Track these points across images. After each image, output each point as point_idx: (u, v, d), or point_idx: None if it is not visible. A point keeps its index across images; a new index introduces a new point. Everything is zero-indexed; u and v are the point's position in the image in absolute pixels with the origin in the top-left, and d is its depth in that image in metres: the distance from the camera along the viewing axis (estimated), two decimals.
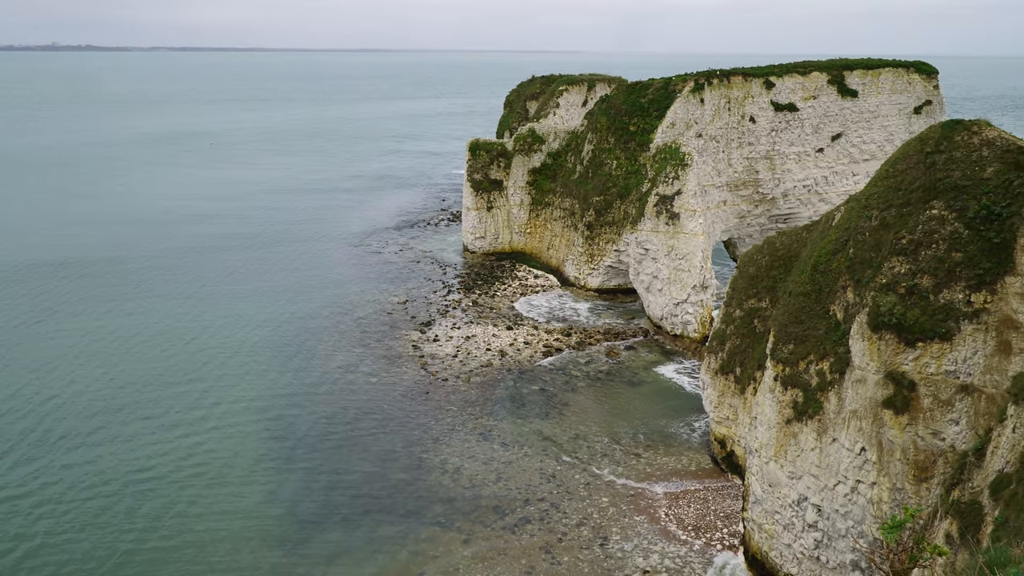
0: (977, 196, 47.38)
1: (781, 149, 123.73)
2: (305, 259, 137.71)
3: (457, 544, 60.49)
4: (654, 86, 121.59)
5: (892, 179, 52.81)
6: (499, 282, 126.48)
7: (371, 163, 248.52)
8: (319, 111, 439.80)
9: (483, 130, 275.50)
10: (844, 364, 51.28)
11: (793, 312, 57.63)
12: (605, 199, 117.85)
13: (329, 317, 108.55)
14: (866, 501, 49.57)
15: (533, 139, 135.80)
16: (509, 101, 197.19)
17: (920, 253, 48.08)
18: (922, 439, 46.86)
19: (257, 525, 62.72)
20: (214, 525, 62.45)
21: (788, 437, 55.34)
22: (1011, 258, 45.23)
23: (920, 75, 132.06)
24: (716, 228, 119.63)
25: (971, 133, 50.64)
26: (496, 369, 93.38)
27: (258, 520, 63.36)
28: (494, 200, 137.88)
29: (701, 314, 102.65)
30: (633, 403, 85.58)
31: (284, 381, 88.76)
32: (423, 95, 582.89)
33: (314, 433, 77.50)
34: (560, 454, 74.34)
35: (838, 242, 56.26)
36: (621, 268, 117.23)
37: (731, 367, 71.49)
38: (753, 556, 58.88)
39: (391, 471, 70.92)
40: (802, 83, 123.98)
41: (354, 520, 63.56)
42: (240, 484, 68.43)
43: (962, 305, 45.98)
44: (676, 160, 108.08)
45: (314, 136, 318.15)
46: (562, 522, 63.55)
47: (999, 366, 44.85)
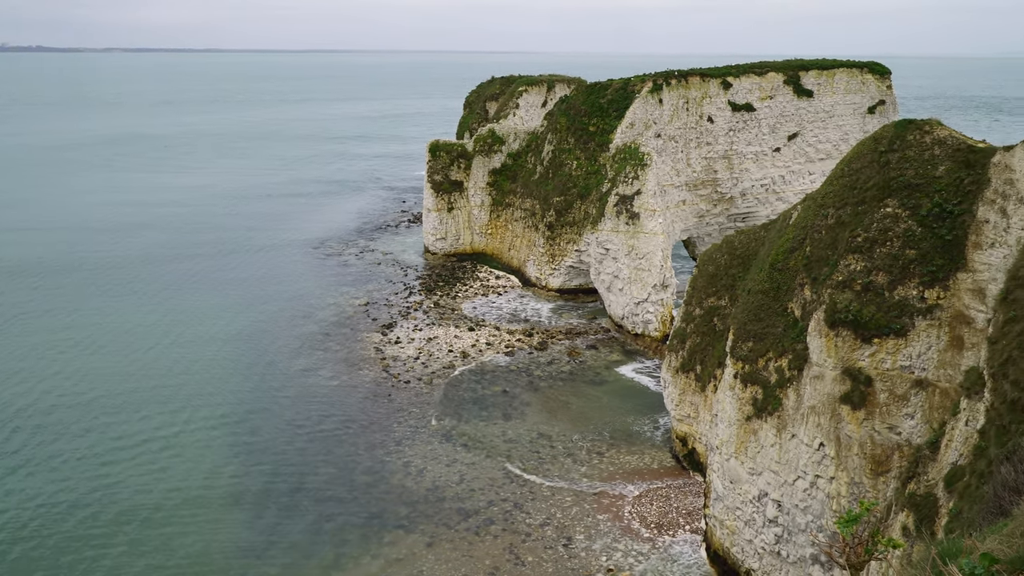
0: (929, 194, 48.23)
1: (739, 149, 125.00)
2: (263, 264, 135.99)
3: (420, 546, 60.33)
4: (613, 87, 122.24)
5: (847, 178, 53.58)
6: (460, 283, 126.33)
7: (330, 165, 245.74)
8: (278, 112, 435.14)
9: (443, 131, 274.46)
10: (802, 361, 51.93)
11: (752, 310, 58.24)
12: (565, 199, 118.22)
13: (289, 321, 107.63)
14: (825, 496, 50.23)
15: (493, 140, 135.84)
16: (469, 102, 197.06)
17: (875, 250, 48.84)
18: (878, 433, 47.60)
19: (218, 530, 62.04)
20: (175, 531, 61.69)
21: (748, 434, 55.91)
22: (963, 255, 46.11)
23: (873, 75, 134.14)
24: (676, 227, 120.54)
25: (923, 132, 51.54)
26: (458, 370, 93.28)
27: (219, 525, 62.70)
28: (455, 201, 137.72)
29: (662, 313, 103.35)
30: (595, 402, 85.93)
31: (245, 386, 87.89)
32: (383, 96, 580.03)
33: (276, 437, 76.84)
34: (523, 454, 74.44)
35: (795, 240, 56.96)
36: (582, 268, 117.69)
37: (692, 365, 72.07)
38: (715, 552, 59.41)
39: (353, 474, 70.54)
40: (759, 83, 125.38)
41: (317, 524, 63.12)
42: (201, 489, 67.65)
43: (916, 301, 46.79)
44: (635, 160, 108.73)
45: (272, 138, 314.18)
46: (526, 522, 63.64)
47: (952, 361, 45.70)
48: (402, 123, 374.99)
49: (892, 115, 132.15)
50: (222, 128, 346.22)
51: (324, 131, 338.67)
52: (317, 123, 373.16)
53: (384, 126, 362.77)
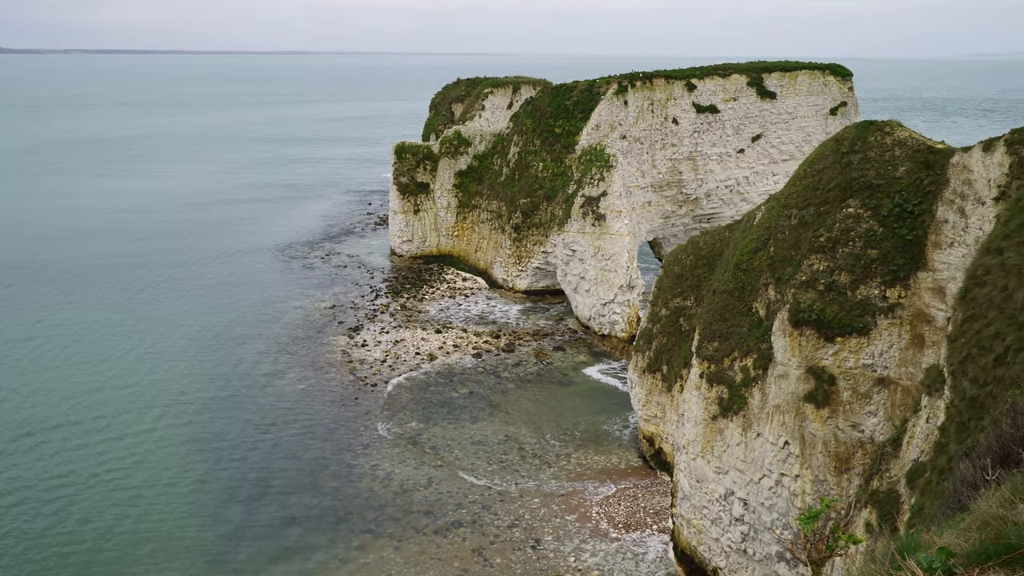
0: (890, 194, 48.92)
1: (703, 150, 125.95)
2: (227, 268, 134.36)
3: (388, 550, 60.07)
4: (578, 88, 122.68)
5: (810, 179, 54.19)
6: (427, 285, 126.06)
7: (293, 168, 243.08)
8: (241, 115, 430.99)
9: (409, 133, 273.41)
10: (767, 360, 52.41)
11: (717, 310, 58.69)
12: (532, 201, 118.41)
13: (254, 325, 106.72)
14: (790, 493, 50.73)
15: (459, 142, 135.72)
16: (434, 104, 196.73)
17: (838, 250, 49.44)
18: (842, 431, 48.16)
19: (182, 536, 61.35)
20: (137, 537, 60.90)
21: (714, 433, 56.32)
22: (923, 254, 46.80)
23: (835, 77, 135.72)
24: (641, 228, 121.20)
25: (884, 133, 52.27)
26: (425, 373, 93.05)
27: (183, 531, 62.00)
28: (421, 203, 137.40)
29: (628, 314, 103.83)
30: (563, 403, 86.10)
31: (209, 390, 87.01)
32: (347, 98, 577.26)
33: (241, 442, 76.15)
34: (491, 456, 74.40)
35: (759, 241, 57.48)
36: (549, 269, 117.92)
37: (658, 365, 72.46)
38: (682, 551, 59.76)
39: (320, 478, 70.09)
40: (723, 85, 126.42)
41: (283, 529, 62.63)
42: (164, 494, 66.86)
43: (878, 300, 47.42)
44: (601, 162, 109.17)
45: (234, 141, 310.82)
46: (494, 524, 63.60)
47: (913, 359, 46.35)
48: (367, 125, 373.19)
49: (854, 116, 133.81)
50: (183, 131, 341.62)
51: (288, 134, 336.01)
52: (281, 126, 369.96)
53: (348, 128, 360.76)
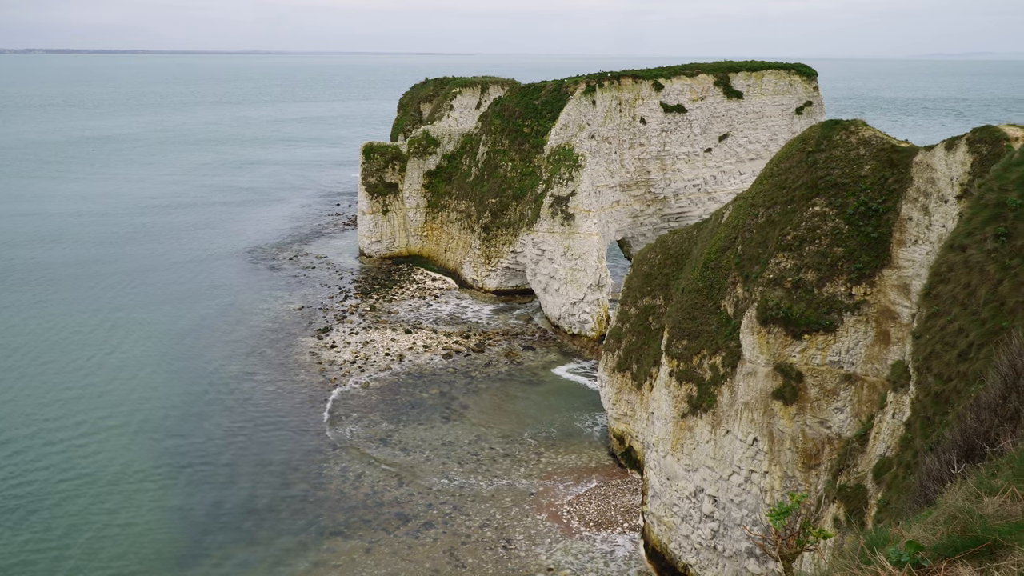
0: (856, 193, 49.46)
1: (671, 149, 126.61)
2: (194, 271, 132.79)
3: (359, 552, 59.80)
4: (547, 88, 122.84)
5: (776, 178, 54.64)
6: (397, 286, 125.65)
7: (259, 169, 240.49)
8: (206, 115, 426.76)
9: (377, 133, 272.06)
10: (736, 358, 52.78)
11: (686, 309, 59.02)
12: (501, 201, 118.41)
13: (222, 327, 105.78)
14: (759, 490, 51.13)
15: (428, 142, 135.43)
16: (403, 104, 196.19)
17: (804, 248, 49.90)
18: (810, 427, 48.62)
19: (150, 538, 60.68)
20: (104, 543, 60.14)
21: (684, 431, 56.63)
22: (888, 252, 47.36)
23: (801, 77, 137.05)
24: (610, 228, 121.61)
25: (849, 132, 52.84)
26: (395, 374, 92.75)
27: (151, 533, 61.31)
28: (390, 203, 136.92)
29: (598, 313, 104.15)
30: (533, 403, 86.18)
31: (177, 393, 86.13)
32: (314, 98, 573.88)
33: (209, 445, 75.46)
34: (462, 457, 74.31)
35: (727, 239, 57.88)
36: (518, 269, 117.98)
37: (628, 364, 72.74)
38: (653, 549, 60.04)
39: (290, 481, 69.63)
40: (690, 85, 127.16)
41: (252, 533, 62.14)
42: (132, 497, 66.09)
43: (844, 298, 47.93)
44: (570, 161, 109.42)
45: (199, 142, 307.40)
46: (465, 524, 63.54)
47: (879, 355, 46.90)
48: (334, 126, 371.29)
49: (819, 116, 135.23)
50: (145, 132, 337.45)
51: (253, 134, 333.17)
52: (245, 126, 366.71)
53: (316, 129, 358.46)
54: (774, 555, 7.91)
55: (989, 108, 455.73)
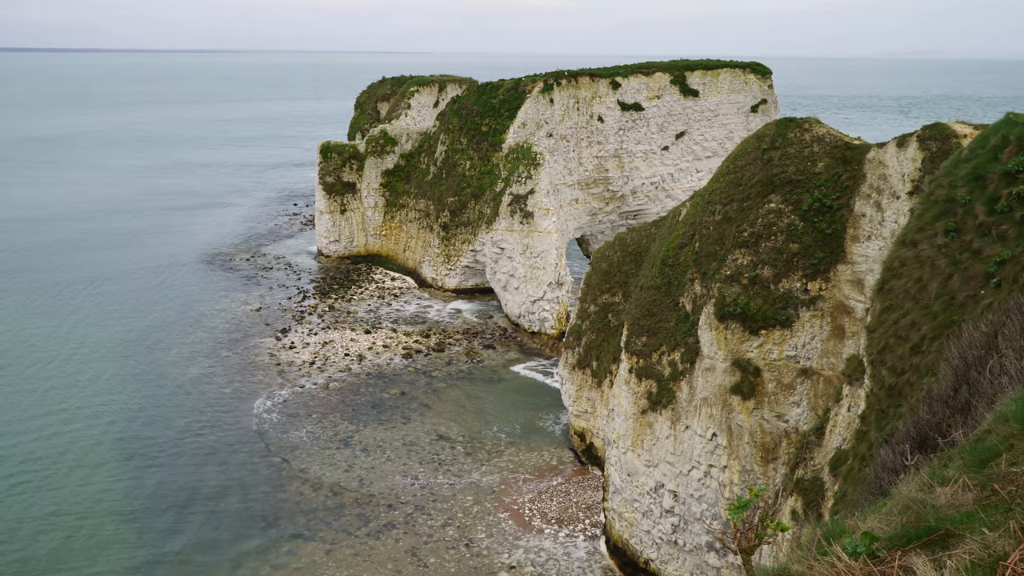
0: (810, 190, 50.13)
1: (629, 147, 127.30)
2: (151, 274, 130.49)
3: (320, 554, 59.40)
4: (504, 87, 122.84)
5: (732, 175, 55.20)
6: (356, 286, 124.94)
7: (213, 169, 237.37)
8: (157, 114, 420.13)
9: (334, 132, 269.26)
10: (694, 354, 53.24)
11: (645, 305, 59.40)
12: (460, 199, 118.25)
13: (179, 329, 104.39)
14: (718, 484, 51.64)
15: (385, 141, 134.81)
16: (360, 103, 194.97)
17: (760, 245, 50.47)
18: (767, 422, 49.20)
19: (109, 543, 59.73)
20: (60, 547, 59.09)
21: (644, 427, 57.00)
22: (842, 247, 48.07)
23: (755, 75, 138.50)
24: (569, 226, 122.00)
25: (803, 130, 53.53)
26: (355, 374, 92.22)
27: (110, 538, 60.36)
28: (348, 203, 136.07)
29: (557, 311, 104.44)
30: (494, 402, 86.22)
31: (134, 397, 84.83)
32: (270, 97, 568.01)
33: (167, 447, 74.46)
34: (423, 456, 74.13)
35: (685, 236, 58.35)
36: (478, 268, 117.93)
37: (588, 361, 73.04)
38: (615, 544, 60.37)
39: (249, 483, 68.96)
40: (647, 83, 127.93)
41: (211, 537, 61.44)
42: (90, 502, 64.99)
43: (800, 293, 48.57)
44: (528, 160, 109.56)
45: (155, 142, 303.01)
46: (427, 524, 63.40)
47: (834, 349, 47.59)
48: (289, 125, 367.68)
49: (774, 113, 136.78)
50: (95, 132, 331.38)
51: (209, 133, 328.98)
52: (198, 126, 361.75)
53: (270, 128, 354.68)
54: (733, 548, 8.00)
55: (938, 105, 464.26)
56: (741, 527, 8.02)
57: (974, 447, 8.76)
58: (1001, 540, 5.82)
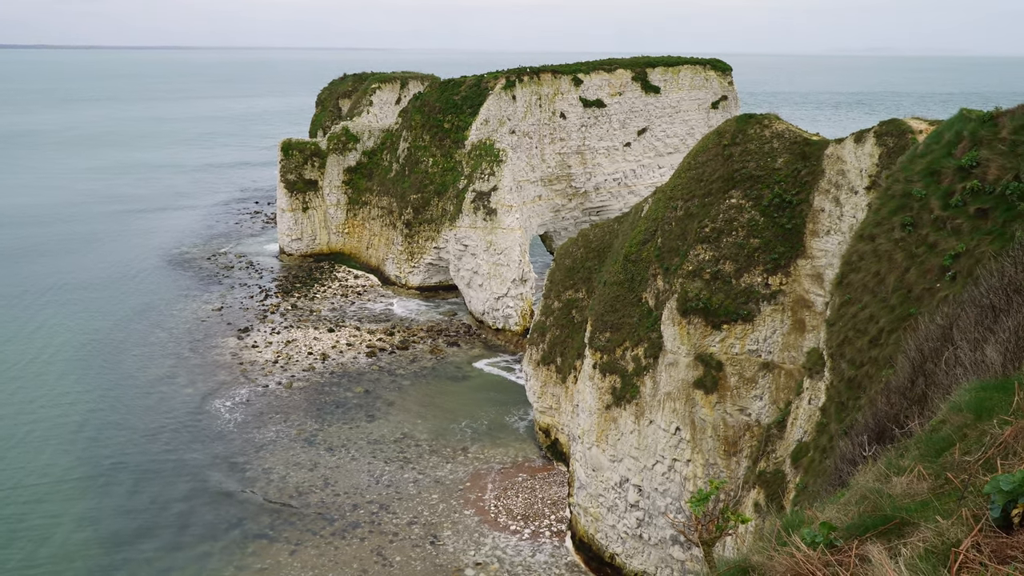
0: (770, 185, 50.66)
1: (591, 144, 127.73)
2: (110, 274, 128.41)
3: (285, 555, 59.00)
4: (467, 83, 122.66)
5: (694, 171, 55.61)
6: (318, 284, 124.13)
7: (170, 168, 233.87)
8: (116, 111, 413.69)
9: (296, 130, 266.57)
10: (657, 349, 53.58)
11: (608, 301, 59.67)
12: (423, 197, 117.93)
13: (139, 330, 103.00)
14: (682, 478, 52.04)
15: (347, 138, 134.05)
16: (321, 99, 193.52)
17: (722, 240, 50.90)
18: (730, 415, 49.66)
19: (70, 546, 58.86)
20: (19, 553, 58.11)
21: (608, 422, 57.28)
22: (802, 242, 48.63)
23: (716, 72, 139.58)
24: (532, 222, 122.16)
25: (763, 126, 54.05)
26: (319, 373, 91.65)
27: (70, 540, 59.47)
28: (310, 201, 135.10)
29: (521, 307, 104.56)
30: (459, 399, 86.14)
31: (93, 399, 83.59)
32: (229, 94, 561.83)
33: (128, 449, 73.49)
34: (388, 455, 73.89)
35: (647, 232, 58.69)
36: (441, 265, 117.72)
37: (552, 357, 73.23)
38: (580, 540, 60.61)
39: (212, 485, 68.30)
40: (608, 80, 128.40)
41: (174, 537, 60.78)
42: (51, 505, 63.97)
43: (761, 288, 49.06)
44: (491, 156, 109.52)
45: (107, 142, 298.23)
46: (392, 523, 63.21)
47: (795, 343, 48.14)
48: (251, 122, 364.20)
49: (734, 110, 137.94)
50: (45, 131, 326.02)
51: (168, 132, 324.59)
52: (157, 123, 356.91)
53: (229, 126, 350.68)
54: (694, 541, 8.09)
55: (895, 101, 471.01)
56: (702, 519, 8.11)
57: (929, 437, 8.93)
58: (954, 527, 5.95)
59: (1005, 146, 30.09)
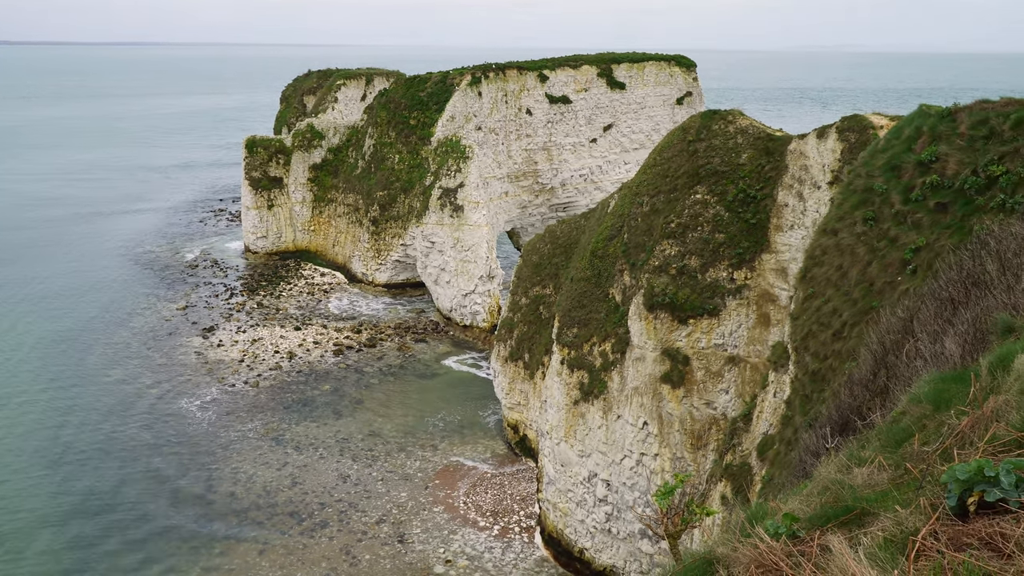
0: (735, 180, 51.07)
1: (557, 140, 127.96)
2: (72, 274, 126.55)
3: (253, 555, 58.62)
4: (432, 80, 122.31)
5: (659, 167, 55.92)
6: (284, 282, 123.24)
7: (132, 166, 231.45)
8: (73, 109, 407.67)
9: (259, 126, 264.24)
10: (625, 344, 53.86)
11: (575, 297, 59.86)
12: (389, 194, 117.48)
13: (102, 330, 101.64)
14: (650, 472, 52.38)
15: (312, 135, 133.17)
16: (285, 96, 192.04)
17: (687, 235, 51.25)
18: (697, 409, 50.05)
19: (31, 551, 58.02)
20: None
21: (576, 417, 57.50)
22: (766, 237, 49.10)
23: (681, 68, 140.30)
24: (499, 219, 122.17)
25: (727, 122, 54.47)
26: (285, 372, 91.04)
27: (32, 545, 58.62)
28: (275, 198, 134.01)
29: (489, 304, 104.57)
30: (427, 396, 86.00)
31: (56, 401, 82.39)
32: (191, 91, 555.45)
33: (92, 451, 72.56)
34: (356, 453, 73.62)
35: (614, 228, 58.94)
36: (408, 262, 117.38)
37: (520, 354, 73.34)
38: (549, 535, 60.80)
39: (179, 485, 67.65)
40: (574, 76, 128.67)
41: (140, 541, 60.13)
42: (12, 508, 63.00)
43: (726, 282, 49.48)
44: (457, 153, 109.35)
45: (69, 138, 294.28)
46: (361, 521, 63.01)
47: (760, 337, 48.62)
48: (214, 119, 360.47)
49: (699, 106, 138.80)
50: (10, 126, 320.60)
51: (125, 129, 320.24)
52: (114, 120, 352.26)
53: (192, 123, 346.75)
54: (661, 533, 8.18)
55: (857, 97, 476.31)
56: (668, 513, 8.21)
57: (890, 428, 9.09)
58: (912, 516, 6.08)
59: (963, 141, 30.59)
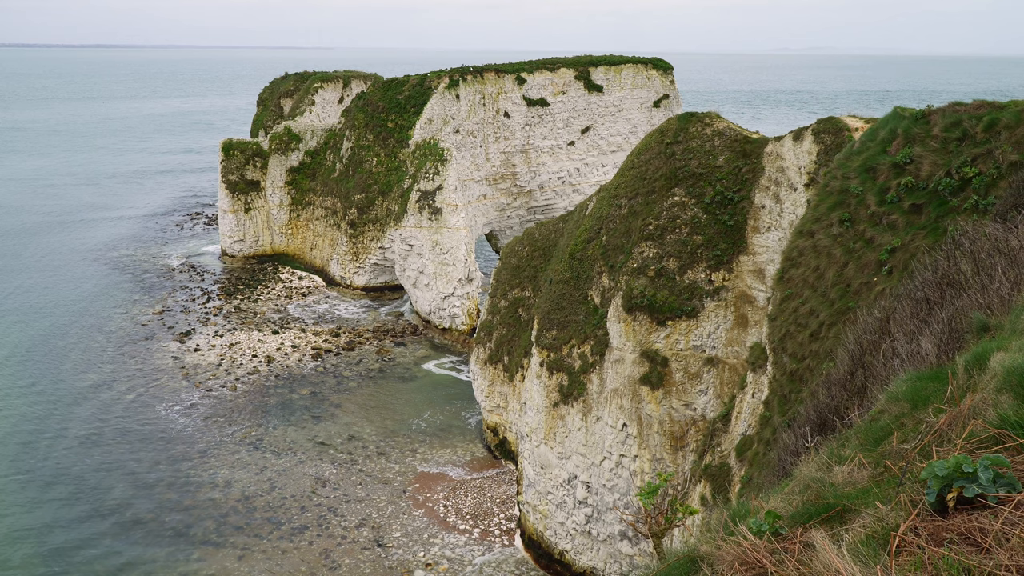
0: (712, 183, 51.37)
1: (535, 143, 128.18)
2: (45, 278, 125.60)
3: (232, 560, 58.25)
4: (410, 83, 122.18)
5: (637, 169, 56.15)
6: (262, 286, 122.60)
7: (104, 170, 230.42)
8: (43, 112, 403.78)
9: (236, 129, 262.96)
10: (604, 346, 54.02)
11: (554, 299, 59.97)
12: (367, 197, 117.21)
13: (76, 334, 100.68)
14: (630, 473, 52.54)
15: (290, 137, 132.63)
16: (262, 99, 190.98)
17: (665, 237, 51.49)
18: (676, 411, 50.28)
19: (7, 559, 57.35)
20: None
21: (556, 420, 57.59)
22: (744, 238, 49.42)
23: (658, 71, 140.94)
24: (478, 222, 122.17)
25: (704, 124, 54.78)
26: (264, 376, 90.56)
27: (7, 553, 57.93)
28: (252, 201, 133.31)
29: (468, 306, 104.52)
30: (406, 399, 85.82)
31: (29, 407, 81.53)
32: (166, 94, 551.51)
33: (67, 458, 71.83)
34: (335, 457, 73.33)
35: (592, 230, 59.11)
36: (387, 265, 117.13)
37: (499, 356, 73.36)
38: (530, 537, 60.84)
39: (156, 491, 67.10)
40: (551, 79, 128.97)
41: (116, 548, 59.60)
42: None
43: (704, 284, 49.75)
44: (435, 156, 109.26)
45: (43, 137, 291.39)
46: (341, 525, 62.77)
47: (738, 338, 48.91)
48: (191, 122, 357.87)
49: (676, 108, 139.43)
50: None
51: (99, 130, 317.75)
52: (88, 122, 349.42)
53: (168, 125, 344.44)
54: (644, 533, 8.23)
55: (832, 100, 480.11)
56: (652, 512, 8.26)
57: (869, 427, 9.19)
58: (893, 513, 6.16)
59: (937, 143, 30.94)
